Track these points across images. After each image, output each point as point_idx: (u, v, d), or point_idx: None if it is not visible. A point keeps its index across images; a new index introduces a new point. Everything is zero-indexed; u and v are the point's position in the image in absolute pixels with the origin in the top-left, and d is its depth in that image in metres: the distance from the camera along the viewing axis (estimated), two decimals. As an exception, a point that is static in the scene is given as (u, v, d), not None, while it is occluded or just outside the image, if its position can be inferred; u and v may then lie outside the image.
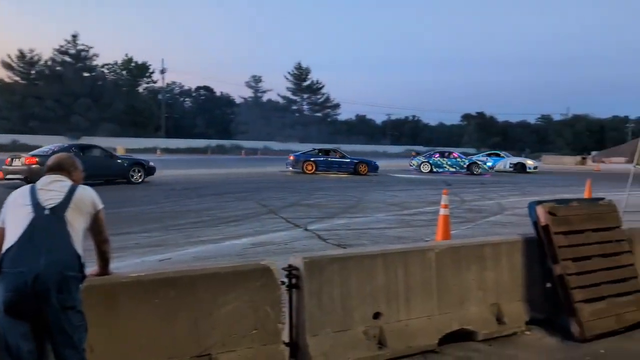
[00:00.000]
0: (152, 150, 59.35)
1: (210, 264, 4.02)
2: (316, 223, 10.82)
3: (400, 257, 4.45)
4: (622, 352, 4.43)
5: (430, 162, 33.14)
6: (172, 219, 11.15)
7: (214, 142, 72.25)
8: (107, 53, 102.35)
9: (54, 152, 18.88)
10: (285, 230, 9.94)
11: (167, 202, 14.31)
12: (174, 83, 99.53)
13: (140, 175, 19.84)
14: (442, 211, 8.76)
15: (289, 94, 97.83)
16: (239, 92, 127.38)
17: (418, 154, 40.09)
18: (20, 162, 17.15)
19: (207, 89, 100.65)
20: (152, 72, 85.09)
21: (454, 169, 32.42)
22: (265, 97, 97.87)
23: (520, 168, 35.21)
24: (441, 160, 33.14)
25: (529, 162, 36.35)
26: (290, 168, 28.24)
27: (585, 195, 15.17)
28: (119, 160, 20.06)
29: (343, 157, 29.07)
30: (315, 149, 30.48)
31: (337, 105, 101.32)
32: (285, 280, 3.97)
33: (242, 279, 3.73)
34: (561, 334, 4.82)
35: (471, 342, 4.57)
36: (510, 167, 35.82)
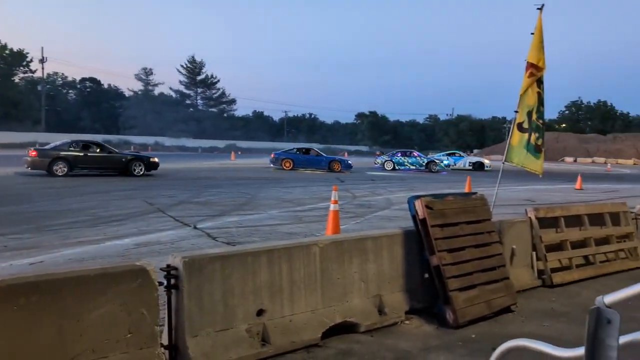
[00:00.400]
0: (31, 145, 54.82)
1: (79, 266, 3.74)
2: (206, 221, 10.55)
3: (285, 253, 4.43)
4: (490, 336, 4.74)
5: (393, 160, 35.47)
6: (48, 219, 10.32)
7: (100, 137, 68.13)
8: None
9: (56, 147, 21.19)
10: (173, 229, 9.57)
11: (44, 201, 13.24)
12: (55, 74, 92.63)
13: (141, 169, 21.79)
14: (332, 207, 8.93)
15: (182, 88, 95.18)
16: (128, 85, 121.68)
17: (382, 153, 42.35)
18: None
19: (94, 80, 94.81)
20: (30, 61, 78.47)
21: (414, 167, 35.04)
22: (156, 91, 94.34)
23: (478, 166, 38.07)
24: (403, 158, 35.56)
25: (486, 162, 39.35)
26: (272, 165, 31.19)
27: (466, 190, 16.26)
28: (119, 156, 21.96)
29: (319, 155, 31.73)
30: (294, 148, 33.32)
31: (233, 101, 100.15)
32: (164, 281, 3.80)
33: (114, 282, 3.50)
34: (438, 322, 5.07)
35: (354, 334, 4.67)
36: (469, 165, 38.67)
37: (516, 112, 7.56)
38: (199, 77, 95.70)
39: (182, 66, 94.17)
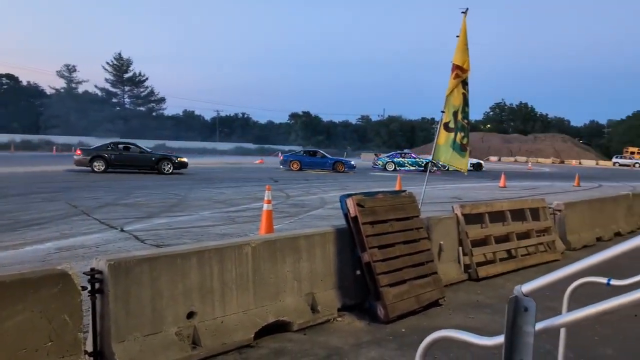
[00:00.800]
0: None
1: (-7, 272, 3.50)
2: (134, 223, 10.19)
3: (216, 254, 4.35)
4: (419, 329, 4.87)
5: (394, 161, 37.40)
6: (-41, 224, 9.61)
7: (18, 137, 64.24)
8: None
9: (95, 148, 24.73)
10: (99, 232, 9.17)
11: (-46, 205, 12.32)
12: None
13: (170, 167, 24.60)
14: (266, 206, 8.88)
15: (108, 86, 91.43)
16: (50, 82, 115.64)
17: (379, 155, 43.87)
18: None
19: (11, 77, 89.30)
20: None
21: (413, 167, 37.01)
22: (80, 89, 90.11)
23: (477, 167, 40.78)
24: (403, 160, 37.55)
25: (483, 163, 42.78)
26: (281, 166, 33.28)
27: (396, 188, 16.66)
28: (149, 155, 24.97)
29: (324, 157, 33.73)
30: (302, 150, 37.15)
31: (162, 100, 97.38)
32: (88, 285, 3.63)
33: (33, 287, 3.30)
34: (369, 317, 5.16)
35: (287, 332, 4.66)
36: (469, 166, 40.03)
37: (443, 112, 7.82)
38: (126, 75, 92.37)
39: (108, 63, 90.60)
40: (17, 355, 3.22)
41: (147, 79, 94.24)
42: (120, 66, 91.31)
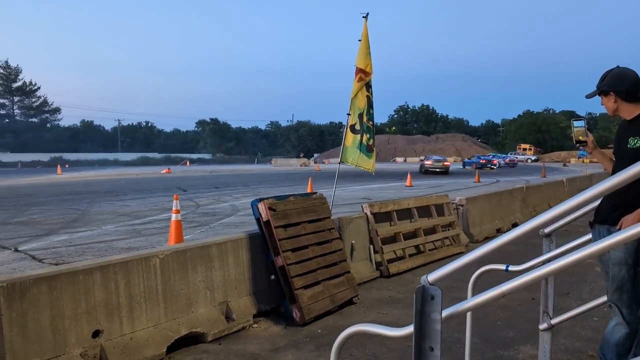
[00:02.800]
0: None
1: None
2: (30, 242, 9.48)
3: (121, 268, 4.14)
4: (335, 329, 4.91)
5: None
6: None
7: None
8: None
9: None
10: (-11, 253, 8.43)
11: None
12: None
13: None
14: (174, 216, 8.59)
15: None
16: None
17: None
18: None
19: None
20: None
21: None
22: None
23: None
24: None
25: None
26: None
27: (308, 190, 16.79)
28: None
29: None
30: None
31: (57, 110, 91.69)
32: (-24, 311, 3.31)
33: None
34: (285, 321, 5.14)
35: (202, 344, 4.52)
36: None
37: (348, 114, 7.98)
38: (15, 84, 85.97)
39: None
40: None
41: (39, 88, 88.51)
42: (8, 75, 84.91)
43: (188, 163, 71.33)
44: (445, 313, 1.55)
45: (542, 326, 3.30)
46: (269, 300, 5.37)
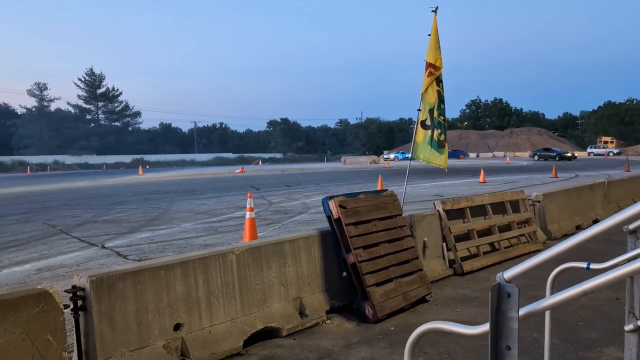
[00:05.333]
0: None
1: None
2: (115, 239, 10.07)
3: (200, 263, 4.32)
4: (408, 326, 4.88)
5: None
6: None
7: (-9, 159, 63.14)
8: None
9: None
10: (79, 250, 9.03)
11: None
12: None
13: None
14: (248, 214, 8.83)
15: (81, 103, 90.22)
16: (21, 102, 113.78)
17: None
18: None
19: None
20: None
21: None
22: (52, 107, 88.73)
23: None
24: None
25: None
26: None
27: (378, 188, 16.72)
28: None
29: None
30: None
31: (137, 114, 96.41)
32: (70, 303, 3.57)
33: (12, 309, 3.23)
34: (358, 318, 5.16)
35: (276, 338, 4.63)
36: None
37: (419, 110, 7.89)
38: (99, 91, 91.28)
39: (80, 79, 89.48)
40: (1, 379, 3.15)
41: (120, 93, 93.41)
42: (92, 82, 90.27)
43: (260, 162, 72.98)
44: (522, 312, 1.51)
45: (628, 327, 3.12)
46: (341, 297, 5.42)
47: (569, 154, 56.13)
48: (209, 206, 16.09)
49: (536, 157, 56.97)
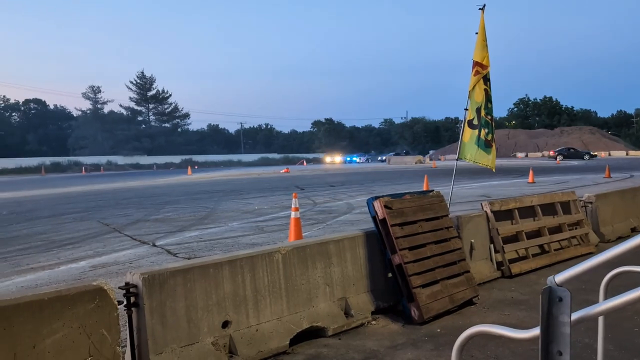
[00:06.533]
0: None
1: (31, 291, 3.60)
2: (165, 238, 10.36)
3: (247, 262, 4.40)
4: (454, 329, 4.82)
5: None
6: (-2, 247, 9.91)
7: (48, 160, 65.93)
8: None
9: None
10: (131, 248, 9.35)
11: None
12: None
13: None
14: (293, 214, 8.91)
15: (132, 105, 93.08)
16: (76, 104, 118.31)
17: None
18: None
19: (38, 101, 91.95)
20: (-30, 85, 75.58)
21: None
22: (106, 109, 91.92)
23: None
24: None
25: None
26: None
27: (423, 188, 16.54)
28: None
29: None
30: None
31: (186, 115, 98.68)
32: (123, 299, 3.71)
33: (70, 304, 3.38)
34: (403, 319, 5.13)
35: (322, 338, 4.66)
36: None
37: (466, 109, 7.76)
38: (149, 93, 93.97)
39: (131, 82, 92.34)
40: (59, 371, 3.29)
41: (170, 95, 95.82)
42: (143, 84, 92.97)
43: (304, 163, 73.40)
44: (574, 316, 1.48)
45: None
46: (386, 298, 5.40)
47: (588, 155, 55.89)
48: (254, 206, 16.33)
49: (561, 157, 56.40)
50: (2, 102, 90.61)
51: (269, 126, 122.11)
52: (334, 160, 77.81)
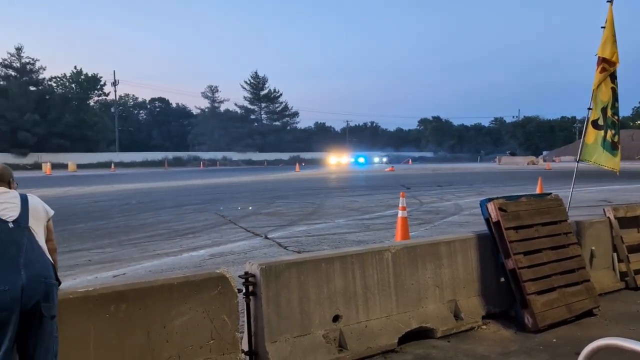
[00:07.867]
0: (106, 165, 57.92)
1: (163, 275, 3.96)
2: (276, 231, 10.79)
3: (358, 259, 4.49)
4: (572, 340, 4.58)
5: None
6: (126, 233, 10.90)
7: (170, 155, 71.00)
8: (55, 66, 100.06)
9: None
10: (245, 239, 9.87)
11: (121, 216, 13.98)
12: (127, 95, 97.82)
13: None
14: (401, 213, 8.89)
15: (246, 104, 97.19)
16: (196, 103, 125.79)
17: None
18: None
19: (162, 100, 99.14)
20: (104, 85, 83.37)
21: None
22: (222, 107, 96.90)
23: None
24: None
25: None
26: None
27: (537, 191, 15.69)
28: None
29: None
30: None
31: (295, 114, 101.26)
32: (242, 288, 3.95)
33: (196, 289, 3.67)
34: (516, 326, 4.96)
35: (430, 339, 4.64)
36: None
37: (589, 109, 7.28)
38: (262, 92, 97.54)
39: (245, 82, 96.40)
40: (185, 351, 3.57)
41: (281, 94, 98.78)
42: (256, 84, 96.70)
43: (410, 161, 72.45)
44: None
45: None
46: (498, 303, 5.25)
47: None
48: (360, 203, 16.47)
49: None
50: (132, 101, 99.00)
51: (374, 124, 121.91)
52: (340, 161, 65.45)
